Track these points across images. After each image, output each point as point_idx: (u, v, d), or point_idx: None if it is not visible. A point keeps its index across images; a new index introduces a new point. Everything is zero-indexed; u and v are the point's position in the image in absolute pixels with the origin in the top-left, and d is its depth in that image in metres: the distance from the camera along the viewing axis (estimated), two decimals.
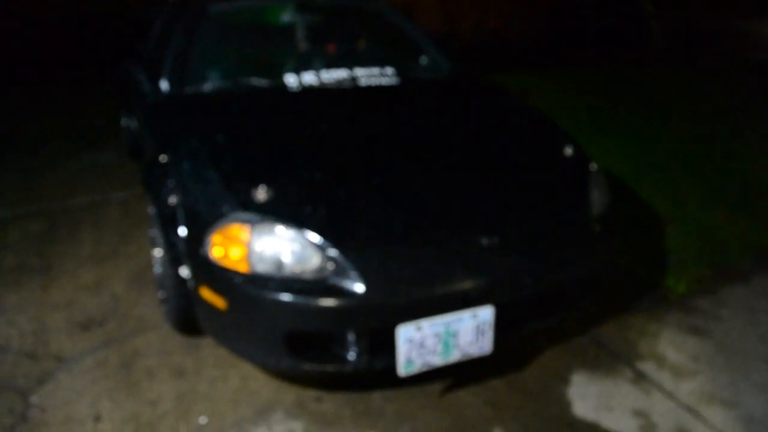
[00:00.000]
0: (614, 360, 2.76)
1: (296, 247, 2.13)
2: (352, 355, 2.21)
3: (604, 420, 2.42)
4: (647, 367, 2.72)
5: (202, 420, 2.36)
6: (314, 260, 2.12)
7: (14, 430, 2.28)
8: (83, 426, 2.31)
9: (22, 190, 4.51)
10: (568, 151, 2.78)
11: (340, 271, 2.10)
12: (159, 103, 3.14)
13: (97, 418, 2.35)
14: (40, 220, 4.01)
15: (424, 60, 3.81)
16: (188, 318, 2.56)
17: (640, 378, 2.65)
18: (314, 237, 2.14)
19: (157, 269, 2.85)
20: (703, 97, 7.90)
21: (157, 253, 2.76)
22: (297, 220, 2.17)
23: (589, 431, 2.37)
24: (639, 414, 2.46)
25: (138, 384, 2.55)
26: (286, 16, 3.73)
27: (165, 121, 2.99)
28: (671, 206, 4.33)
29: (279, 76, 3.24)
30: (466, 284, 2.18)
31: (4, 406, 2.41)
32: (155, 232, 2.72)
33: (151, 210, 2.74)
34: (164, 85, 3.17)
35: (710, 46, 12.73)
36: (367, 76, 3.37)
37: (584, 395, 2.55)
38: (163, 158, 2.66)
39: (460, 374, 2.61)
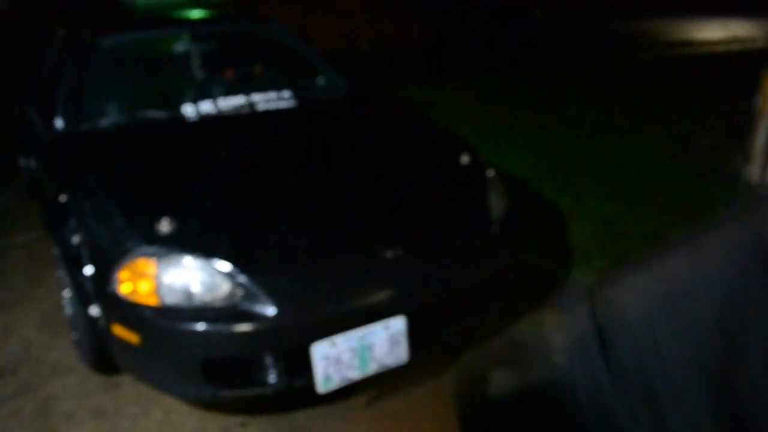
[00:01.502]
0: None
1: (204, 276, 2.15)
2: (271, 378, 2.23)
3: None
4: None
5: None
6: (223, 287, 2.14)
7: None
8: None
9: None
10: (465, 159, 2.89)
11: (250, 296, 2.13)
12: (54, 142, 3.08)
13: None
14: None
15: (321, 81, 3.86)
16: (104, 357, 2.53)
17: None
18: (222, 265, 2.16)
19: (68, 310, 2.79)
20: (595, 96, 8.26)
21: (66, 293, 2.71)
22: (203, 249, 2.19)
23: None
24: None
25: (56, 430, 2.49)
26: (180, 46, 3.72)
27: (62, 160, 2.94)
28: (572, 202, 4.52)
29: (176, 107, 3.24)
30: (375, 297, 2.24)
31: None
32: (62, 273, 2.67)
33: (55, 251, 2.69)
34: (59, 122, 3.11)
35: (598, 47, 13.33)
36: (265, 100, 3.40)
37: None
38: (62, 198, 2.62)
39: (382, 386, 2.66)
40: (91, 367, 2.71)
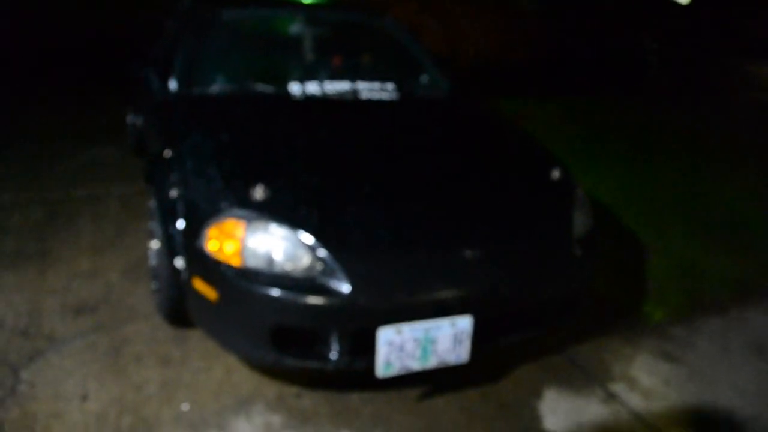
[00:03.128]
0: (587, 379, 2.85)
1: (288, 245, 2.23)
2: (334, 354, 2.30)
3: None
4: (619, 388, 2.80)
5: (185, 407, 2.45)
6: (304, 259, 2.22)
7: (4, 403, 2.37)
8: (70, 403, 2.40)
9: (26, 180, 4.61)
10: (556, 174, 2.88)
11: (328, 271, 2.20)
12: (167, 101, 3.25)
13: (84, 398, 2.43)
14: (41, 208, 4.10)
15: (424, 78, 3.92)
16: (179, 309, 2.65)
17: (610, 398, 2.73)
18: (306, 237, 2.24)
19: (153, 261, 2.94)
20: (694, 131, 8.02)
21: (154, 244, 2.85)
22: (291, 219, 2.28)
23: None
24: None
25: (125, 369, 2.63)
26: (295, 27, 3.85)
27: (172, 119, 3.09)
28: (654, 236, 4.44)
29: (284, 84, 3.36)
30: (447, 293, 2.28)
31: None
32: (154, 225, 2.81)
33: (151, 203, 2.84)
34: (173, 84, 3.28)
35: (707, 83, 12.89)
36: (369, 89, 3.49)
37: (555, 410, 2.64)
38: (167, 153, 2.77)
39: (437, 381, 2.69)
40: (165, 317, 2.84)
